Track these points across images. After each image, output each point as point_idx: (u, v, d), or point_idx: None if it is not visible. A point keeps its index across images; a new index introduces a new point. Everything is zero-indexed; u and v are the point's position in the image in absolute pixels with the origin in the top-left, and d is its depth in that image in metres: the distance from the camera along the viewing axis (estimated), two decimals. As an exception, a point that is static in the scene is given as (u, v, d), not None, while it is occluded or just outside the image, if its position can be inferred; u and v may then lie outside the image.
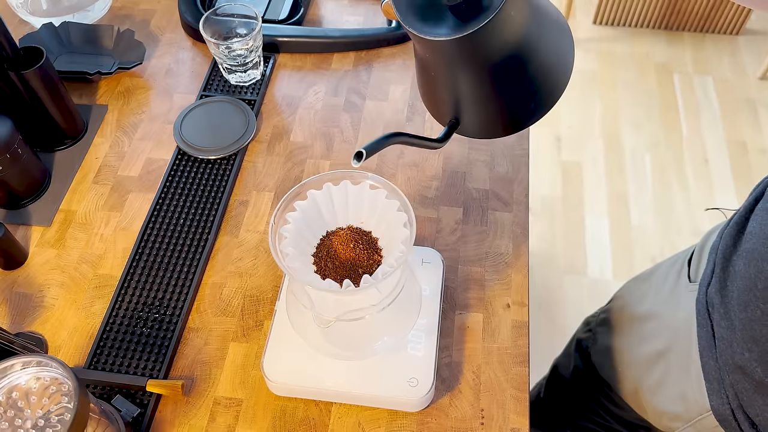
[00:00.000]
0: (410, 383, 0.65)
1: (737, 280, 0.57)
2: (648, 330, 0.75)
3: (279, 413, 0.67)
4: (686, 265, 0.72)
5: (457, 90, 0.58)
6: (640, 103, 2.11)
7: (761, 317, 0.53)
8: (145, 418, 0.66)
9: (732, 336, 0.57)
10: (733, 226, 0.61)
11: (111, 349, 0.71)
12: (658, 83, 2.16)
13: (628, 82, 2.17)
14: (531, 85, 0.57)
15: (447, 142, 0.60)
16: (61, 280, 0.77)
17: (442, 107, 0.62)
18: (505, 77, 0.55)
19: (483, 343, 0.71)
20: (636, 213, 1.87)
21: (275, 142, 0.88)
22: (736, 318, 0.56)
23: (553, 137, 2.04)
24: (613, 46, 2.27)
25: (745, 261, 0.56)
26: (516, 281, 0.76)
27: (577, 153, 2.00)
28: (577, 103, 2.12)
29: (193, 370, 0.70)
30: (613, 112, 2.09)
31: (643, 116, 2.08)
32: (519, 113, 0.59)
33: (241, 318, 0.74)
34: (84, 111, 0.91)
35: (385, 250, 0.60)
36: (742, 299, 0.56)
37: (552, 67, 0.57)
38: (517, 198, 0.83)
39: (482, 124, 0.61)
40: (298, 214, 0.59)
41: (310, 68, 0.96)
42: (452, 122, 0.61)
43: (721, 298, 0.59)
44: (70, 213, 0.82)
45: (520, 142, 0.88)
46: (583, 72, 2.19)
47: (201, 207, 0.81)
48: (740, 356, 0.56)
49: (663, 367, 0.71)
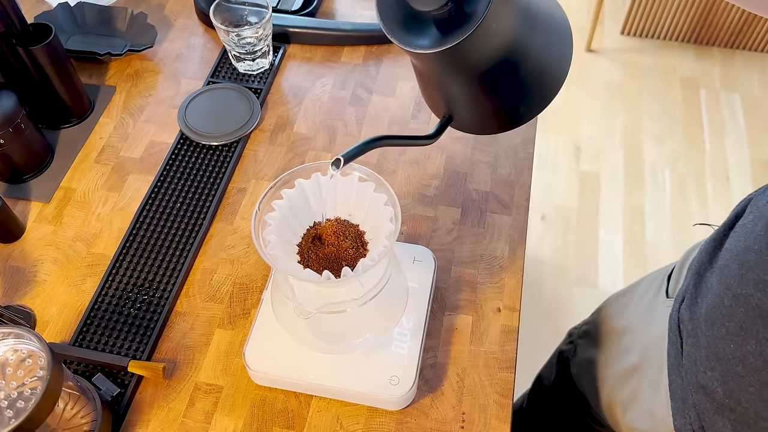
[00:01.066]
0: (391, 381, 0.64)
1: (708, 297, 0.55)
2: (624, 344, 0.74)
3: (258, 402, 0.67)
4: (666, 281, 0.71)
5: (447, 92, 0.57)
6: (663, 116, 2.08)
7: (725, 335, 0.51)
8: (125, 399, 0.66)
9: (697, 354, 0.55)
10: (711, 242, 0.59)
11: (97, 327, 0.71)
12: (683, 97, 2.12)
13: (652, 95, 2.13)
14: (522, 89, 0.56)
15: (439, 138, 0.59)
16: (55, 256, 0.77)
17: (436, 104, 0.61)
18: (493, 82, 0.54)
19: (470, 346, 0.70)
20: (651, 228, 1.84)
21: (278, 132, 0.88)
22: (702, 335, 0.55)
23: (573, 146, 2.01)
24: (640, 57, 2.23)
25: (717, 277, 0.54)
26: (509, 286, 0.75)
27: (595, 163, 1.98)
28: (600, 113, 2.09)
29: (176, 353, 0.70)
30: (636, 124, 2.06)
31: (666, 130, 2.04)
32: (512, 113, 0.58)
33: (229, 305, 0.73)
34: (92, 91, 0.92)
35: (371, 244, 0.59)
36: (709, 316, 0.54)
37: (544, 69, 0.55)
38: (518, 202, 0.81)
39: (475, 122, 0.60)
40: (284, 202, 0.58)
41: (320, 60, 0.96)
42: (445, 118, 0.60)
43: (690, 314, 0.58)
44: (69, 191, 0.82)
45: (525, 146, 0.86)
46: (608, 82, 2.16)
47: (199, 192, 0.81)
48: (703, 375, 0.54)
49: (635, 383, 0.69)
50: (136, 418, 0.66)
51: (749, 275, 0.49)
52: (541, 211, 1.87)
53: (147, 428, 0.65)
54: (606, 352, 0.78)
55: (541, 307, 1.72)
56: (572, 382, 0.85)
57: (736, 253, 0.52)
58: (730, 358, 0.51)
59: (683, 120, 2.07)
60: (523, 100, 0.57)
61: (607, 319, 0.81)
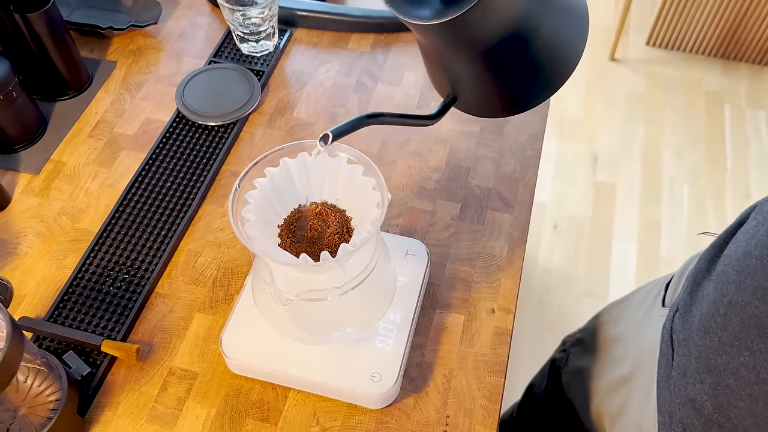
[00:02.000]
0: (373, 377, 0.61)
1: (703, 305, 0.51)
2: (616, 354, 0.70)
3: (233, 392, 0.64)
4: (663, 290, 0.67)
5: (451, 69, 0.54)
6: (685, 130, 2.02)
7: (718, 345, 0.47)
8: (95, 379, 0.64)
9: (687, 365, 0.51)
10: (711, 249, 0.55)
11: (74, 304, 0.69)
12: (707, 112, 2.07)
13: (675, 108, 2.08)
14: (530, 68, 0.52)
15: (441, 119, 0.56)
16: (38, 229, 0.75)
17: (439, 82, 0.58)
18: (499, 59, 0.51)
19: (460, 346, 0.67)
20: (666, 243, 1.79)
21: (278, 115, 0.85)
22: (694, 345, 0.51)
23: (590, 155, 1.97)
24: (665, 69, 2.18)
25: (714, 285, 0.50)
26: (505, 286, 0.71)
27: (613, 174, 1.93)
28: (620, 124, 2.04)
29: (153, 336, 0.67)
30: (656, 137, 2.01)
31: (687, 145, 1.99)
32: (518, 95, 0.55)
33: (211, 289, 0.70)
34: (92, 65, 0.89)
35: (356, 231, 0.56)
36: (703, 325, 0.50)
37: (555, 48, 0.52)
38: (521, 200, 0.78)
39: (480, 103, 0.57)
40: (266, 181, 0.55)
41: (326, 46, 0.93)
42: (449, 98, 0.57)
43: (683, 323, 0.54)
44: (59, 164, 0.80)
45: (533, 143, 0.83)
46: (630, 93, 2.11)
47: (191, 172, 0.78)
48: (692, 387, 0.50)
49: (625, 394, 0.65)
50: (105, 400, 0.63)
51: (747, 282, 0.45)
52: (553, 220, 1.83)
53: (116, 411, 0.63)
54: (598, 362, 0.74)
55: (548, 317, 1.67)
56: (562, 391, 0.81)
57: (736, 259, 0.48)
58: (721, 369, 0.47)
59: (705, 135, 2.01)
60: (531, 82, 0.53)
61: (602, 327, 0.77)
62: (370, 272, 0.56)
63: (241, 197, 0.54)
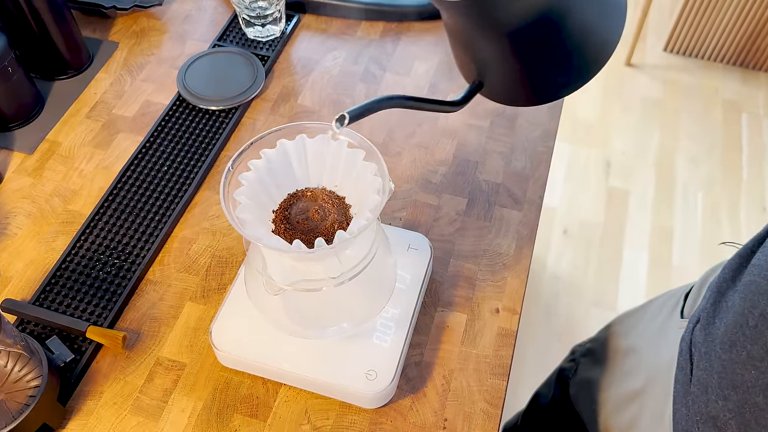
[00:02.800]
0: (368, 375, 0.58)
1: (728, 316, 0.47)
2: (629, 366, 0.66)
3: (222, 385, 0.61)
4: (682, 300, 0.63)
5: (478, 53, 0.51)
6: (701, 138, 1.98)
7: (746, 360, 0.44)
8: (79, 366, 0.61)
9: (709, 380, 0.48)
10: (736, 258, 0.51)
11: (62, 288, 0.66)
12: (723, 121, 2.03)
13: (691, 115, 2.04)
14: (560, 55, 0.49)
15: (466, 105, 0.53)
16: (29, 210, 0.72)
17: (466, 67, 0.55)
18: (527, 43, 0.48)
19: (461, 346, 0.64)
20: (679, 251, 1.74)
21: (281, 102, 0.82)
22: (717, 359, 0.47)
23: (603, 160, 1.93)
24: (682, 76, 2.14)
25: (741, 295, 0.47)
26: (511, 286, 0.68)
27: (626, 180, 1.89)
28: (635, 129, 2.00)
29: (141, 324, 0.64)
30: (671, 143, 1.97)
31: (703, 153, 1.95)
32: (546, 84, 0.52)
33: (204, 278, 0.68)
34: (93, 45, 0.87)
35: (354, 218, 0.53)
36: (728, 338, 0.46)
37: (588, 35, 0.49)
38: (530, 197, 0.74)
39: (507, 90, 0.54)
40: (262, 163, 0.52)
41: (334, 32, 0.90)
42: (475, 84, 0.54)
43: (705, 335, 0.50)
44: (55, 144, 0.78)
45: (545, 139, 0.79)
46: (646, 98, 2.07)
47: (188, 157, 0.76)
48: (714, 405, 0.47)
49: (636, 409, 0.62)
50: (88, 389, 0.60)
51: None
52: (564, 224, 1.79)
53: (98, 401, 0.60)
54: (608, 373, 0.71)
55: (555, 325, 1.64)
56: (570, 402, 0.77)
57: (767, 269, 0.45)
58: (749, 386, 0.44)
59: (722, 144, 1.97)
60: (561, 69, 0.50)
61: (614, 337, 0.74)
62: (368, 263, 0.53)
63: (234, 179, 0.51)
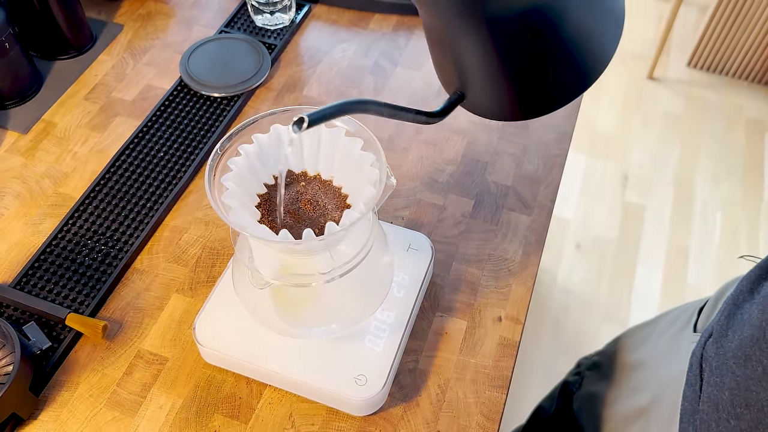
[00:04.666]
0: (357, 380, 0.54)
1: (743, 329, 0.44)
2: (636, 381, 0.62)
3: (204, 383, 0.58)
4: (696, 314, 0.59)
5: (458, 55, 0.47)
6: (722, 156, 1.93)
7: (762, 375, 0.40)
8: (56, 355, 0.58)
9: (720, 396, 0.44)
10: (756, 270, 0.47)
11: (45, 272, 0.63)
12: (746, 140, 1.97)
13: (713, 133, 1.98)
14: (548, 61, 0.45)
15: (444, 117, 0.49)
16: (18, 191, 0.70)
17: (446, 75, 0.50)
18: (514, 42, 0.44)
19: (459, 355, 0.60)
20: (694, 271, 1.69)
21: (286, 92, 0.79)
22: (730, 374, 0.43)
23: (621, 174, 1.88)
24: (705, 92, 2.09)
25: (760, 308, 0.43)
26: (516, 294, 0.64)
27: (643, 196, 1.84)
28: (654, 144, 1.95)
29: (124, 314, 0.61)
30: (691, 160, 1.92)
31: (723, 171, 1.89)
32: (533, 93, 0.47)
33: (193, 270, 0.64)
34: (97, 26, 0.85)
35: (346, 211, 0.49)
36: (743, 352, 0.42)
37: (582, 42, 0.45)
38: (541, 202, 0.71)
39: (490, 101, 0.49)
40: (253, 148, 0.49)
41: (346, 24, 0.87)
42: (456, 95, 0.50)
43: (717, 349, 0.46)
44: (50, 125, 0.75)
45: (560, 142, 0.76)
46: (667, 113, 2.02)
47: (186, 144, 0.73)
48: (725, 424, 0.43)
49: (641, 427, 0.58)
50: (64, 379, 0.57)
51: None
52: (577, 238, 1.75)
53: (74, 392, 0.57)
54: (614, 388, 0.67)
55: (563, 339, 1.59)
56: (572, 417, 0.73)
57: None
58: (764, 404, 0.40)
59: (743, 163, 1.92)
60: (551, 76, 0.46)
61: (623, 350, 0.70)
62: (361, 260, 0.50)
63: (222, 163, 0.48)
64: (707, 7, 2.27)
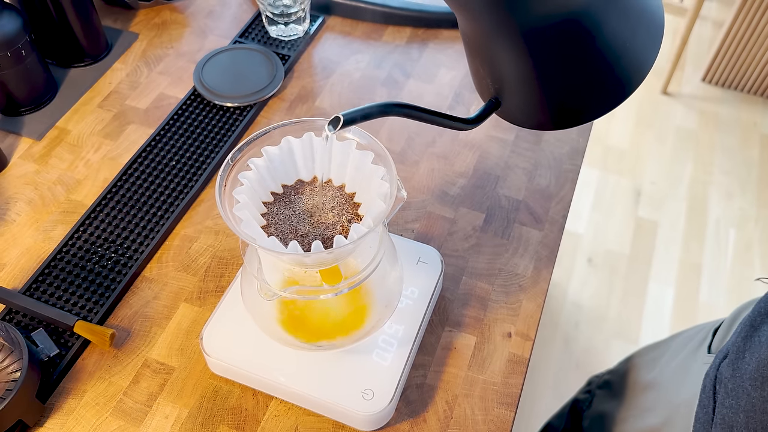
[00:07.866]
0: (364, 395, 0.54)
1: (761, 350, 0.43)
2: (647, 401, 0.61)
3: (210, 393, 0.57)
4: (711, 335, 0.58)
5: (493, 62, 0.47)
6: (736, 173, 1.91)
7: None
8: (63, 362, 0.58)
9: (734, 419, 0.43)
10: None
11: (54, 279, 0.63)
12: (761, 156, 1.96)
13: (727, 149, 1.97)
14: (586, 70, 0.45)
15: (480, 124, 0.49)
16: (30, 197, 0.70)
17: (482, 82, 0.51)
18: (550, 53, 0.44)
19: (468, 370, 0.59)
20: (707, 288, 1.67)
21: (299, 103, 0.79)
22: (745, 397, 0.42)
23: (633, 190, 1.87)
24: (719, 108, 2.07)
25: None
26: (526, 309, 0.63)
27: (656, 212, 1.83)
28: (667, 159, 1.94)
29: (132, 322, 0.61)
30: (705, 177, 1.90)
31: (737, 188, 1.88)
32: (567, 105, 0.47)
33: (202, 279, 0.64)
34: (113, 34, 0.85)
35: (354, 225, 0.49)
36: (760, 373, 0.42)
37: (618, 56, 0.44)
38: (553, 217, 0.70)
39: (523, 110, 0.49)
40: (263, 161, 0.49)
41: (359, 36, 0.87)
42: (491, 102, 0.50)
43: (733, 371, 0.45)
44: (64, 132, 0.76)
45: (573, 157, 0.75)
46: (680, 129, 2.01)
47: (198, 153, 0.73)
48: None
49: None
50: (71, 386, 0.57)
51: None
52: (588, 253, 1.74)
53: (80, 400, 0.57)
54: (625, 408, 0.66)
55: (573, 355, 1.57)
56: None
57: None
58: None
59: (758, 180, 1.90)
60: (586, 87, 0.46)
61: (634, 370, 0.69)
62: (370, 273, 0.49)
63: (233, 175, 0.48)
64: (723, 22, 2.26)
